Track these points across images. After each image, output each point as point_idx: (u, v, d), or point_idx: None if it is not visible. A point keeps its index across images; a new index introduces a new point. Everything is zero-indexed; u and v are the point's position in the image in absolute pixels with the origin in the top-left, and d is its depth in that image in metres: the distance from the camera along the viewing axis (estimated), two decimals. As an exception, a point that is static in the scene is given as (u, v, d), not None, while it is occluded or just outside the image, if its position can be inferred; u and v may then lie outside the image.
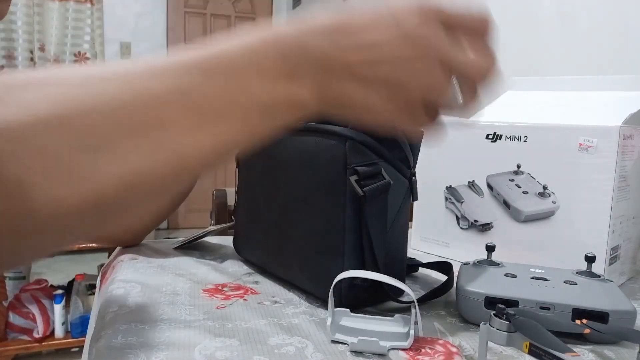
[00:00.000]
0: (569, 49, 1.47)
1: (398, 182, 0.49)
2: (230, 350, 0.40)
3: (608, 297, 0.44)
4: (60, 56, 3.81)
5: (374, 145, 0.47)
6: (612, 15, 1.33)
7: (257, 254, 0.60)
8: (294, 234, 0.52)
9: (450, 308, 0.51)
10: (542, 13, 1.58)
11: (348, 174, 0.46)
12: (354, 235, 0.47)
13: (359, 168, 0.46)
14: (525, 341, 0.35)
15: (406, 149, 0.50)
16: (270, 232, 0.56)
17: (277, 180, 0.54)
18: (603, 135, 0.55)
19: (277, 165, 0.54)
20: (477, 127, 0.64)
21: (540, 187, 0.60)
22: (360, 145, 0.46)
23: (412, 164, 0.51)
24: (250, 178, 0.60)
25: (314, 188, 0.49)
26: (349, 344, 0.41)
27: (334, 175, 0.47)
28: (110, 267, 0.62)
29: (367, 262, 0.47)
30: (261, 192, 0.57)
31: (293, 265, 0.53)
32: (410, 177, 0.51)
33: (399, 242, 0.52)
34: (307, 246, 0.50)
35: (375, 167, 0.47)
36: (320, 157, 0.48)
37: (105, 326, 0.44)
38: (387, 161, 0.48)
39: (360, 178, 0.46)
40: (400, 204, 0.50)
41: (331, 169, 0.47)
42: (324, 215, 0.48)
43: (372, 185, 0.46)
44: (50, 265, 3.36)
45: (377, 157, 0.47)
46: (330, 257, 0.48)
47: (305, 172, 0.50)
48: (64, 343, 2.02)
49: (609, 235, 0.56)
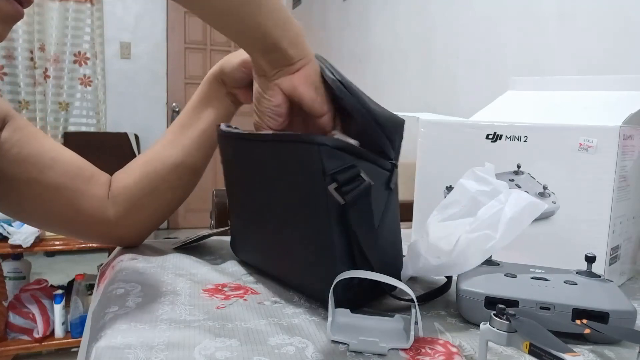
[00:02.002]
0: (569, 49, 1.47)
1: (379, 177, 0.48)
2: (230, 350, 0.40)
3: (608, 297, 0.44)
4: (60, 56, 3.81)
5: (348, 147, 0.45)
6: (612, 15, 1.33)
7: (255, 257, 0.60)
8: (285, 240, 0.51)
9: (450, 308, 0.51)
10: (542, 13, 1.58)
11: (326, 181, 0.44)
12: (342, 239, 0.46)
13: (337, 175, 0.44)
14: (526, 341, 0.35)
15: (381, 141, 0.48)
16: (264, 238, 0.55)
17: (259, 190, 0.53)
18: (603, 135, 0.55)
19: (257, 176, 0.53)
20: (477, 127, 0.64)
21: (540, 187, 0.60)
22: (334, 150, 0.44)
23: (391, 155, 0.49)
24: (235, 186, 0.59)
25: (294, 197, 0.48)
26: (349, 344, 0.41)
27: (312, 183, 0.45)
28: (110, 267, 0.62)
29: (358, 263, 0.47)
30: (246, 201, 0.57)
31: (290, 269, 0.52)
32: (391, 168, 0.49)
33: (390, 237, 0.51)
34: (299, 252, 0.50)
35: (353, 170, 0.45)
36: (296, 166, 0.47)
37: (105, 326, 0.44)
38: (364, 159, 0.46)
39: (339, 185, 0.44)
40: (385, 198, 0.49)
41: (309, 178, 0.46)
42: (309, 222, 0.47)
43: (352, 191, 0.44)
44: (50, 265, 3.36)
45: (354, 157, 0.46)
46: (324, 261, 0.47)
47: (283, 182, 0.49)
48: (64, 343, 2.02)
49: (609, 235, 0.56)
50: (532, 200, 0.48)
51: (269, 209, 0.52)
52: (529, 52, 1.64)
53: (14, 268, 2.19)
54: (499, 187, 0.51)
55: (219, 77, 0.65)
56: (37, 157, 0.59)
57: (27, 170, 0.58)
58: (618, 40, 1.31)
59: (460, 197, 0.50)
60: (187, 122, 0.66)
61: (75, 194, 0.61)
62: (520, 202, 0.48)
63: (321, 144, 0.44)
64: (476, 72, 1.91)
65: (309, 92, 0.48)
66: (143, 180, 0.64)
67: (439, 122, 0.67)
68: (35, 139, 0.60)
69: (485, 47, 1.86)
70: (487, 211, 0.48)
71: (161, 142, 0.67)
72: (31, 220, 0.64)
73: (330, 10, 3.32)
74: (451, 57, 2.07)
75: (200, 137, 0.66)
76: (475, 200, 0.49)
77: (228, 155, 0.58)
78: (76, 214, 0.62)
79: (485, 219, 0.48)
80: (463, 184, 0.51)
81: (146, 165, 0.65)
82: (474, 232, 0.47)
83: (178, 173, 0.65)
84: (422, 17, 2.27)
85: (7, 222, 1.98)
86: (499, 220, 0.47)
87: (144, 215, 0.66)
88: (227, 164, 0.59)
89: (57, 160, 0.61)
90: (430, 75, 2.23)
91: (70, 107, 3.89)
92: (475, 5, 1.90)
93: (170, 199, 0.67)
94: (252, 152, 0.52)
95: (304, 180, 0.46)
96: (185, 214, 4.15)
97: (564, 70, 1.48)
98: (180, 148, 0.65)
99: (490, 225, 0.47)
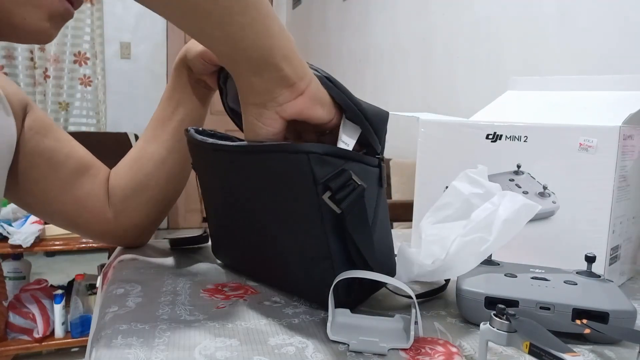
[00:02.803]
0: (569, 48, 1.47)
1: (369, 176, 0.47)
2: (230, 350, 0.40)
3: (608, 297, 0.44)
4: (60, 56, 3.82)
5: (337, 151, 0.44)
6: (612, 15, 1.33)
7: (239, 263, 0.58)
8: (278, 250, 0.49)
9: (450, 308, 0.51)
10: (542, 13, 1.58)
11: (319, 191, 0.43)
12: (340, 245, 0.45)
13: (329, 183, 0.43)
14: (525, 341, 0.35)
15: (370, 135, 0.46)
16: (251, 248, 0.53)
17: (242, 201, 0.50)
18: (603, 135, 0.55)
19: (239, 187, 0.50)
20: (477, 127, 0.64)
21: (540, 187, 0.60)
22: (323, 157, 0.42)
23: (378, 150, 0.48)
24: (211, 194, 0.56)
25: (288, 208, 0.46)
26: (349, 344, 0.41)
27: (304, 194, 0.44)
28: (111, 268, 0.62)
29: (358, 265, 0.46)
30: (229, 211, 0.54)
31: (284, 279, 0.51)
32: (379, 164, 0.48)
33: (383, 233, 0.50)
34: (294, 260, 0.48)
35: (344, 174, 0.43)
36: (286, 177, 0.44)
37: (105, 326, 0.44)
38: (352, 159, 0.45)
39: (333, 193, 0.43)
40: (376, 196, 0.48)
41: (301, 188, 0.44)
42: (304, 232, 0.46)
43: (347, 198, 0.43)
44: (50, 265, 3.36)
45: (343, 160, 0.44)
46: (321, 267, 0.46)
47: (271, 194, 0.47)
48: (64, 343, 2.02)
49: (609, 235, 0.56)
50: (527, 202, 0.48)
51: (256, 220, 0.50)
52: (529, 52, 1.64)
53: (14, 268, 2.19)
54: (492, 189, 0.50)
55: (185, 63, 0.61)
56: (52, 152, 0.59)
57: (39, 165, 0.58)
58: (618, 40, 1.31)
59: (454, 200, 0.50)
60: (164, 116, 0.64)
61: (81, 192, 0.61)
62: (515, 204, 0.48)
63: (310, 152, 0.42)
64: (476, 72, 1.91)
65: (317, 112, 0.43)
66: (133, 180, 0.64)
67: (439, 122, 0.67)
68: (51, 131, 0.60)
69: (485, 47, 1.86)
70: (481, 213, 0.48)
71: (144, 137, 0.66)
72: (37, 213, 0.64)
73: (330, 10, 3.32)
74: (451, 57, 2.07)
75: (179, 130, 0.64)
76: (468, 202, 0.49)
77: (201, 165, 0.55)
78: (80, 212, 0.62)
79: (479, 221, 0.48)
80: (456, 186, 0.51)
81: (133, 164, 0.64)
82: (468, 235, 0.47)
83: (165, 169, 0.64)
84: (422, 17, 2.27)
85: (7, 222, 1.98)
86: (493, 223, 0.47)
87: (139, 215, 0.65)
88: (201, 172, 0.56)
89: (71, 157, 0.61)
90: (430, 75, 2.23)
91: (70, 107, 3.89)
92: (475, 5, 1.90)
93: (162, 196, 0.65)
94: (233, 163, 0.49)
95: (295, 191, 0.44)
96: (185, 214, 4.15)
97: (564, 70, 1.48)
98: (161, 144, 0.64)
99: (484, 228, 0.47)
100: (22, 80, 3.70)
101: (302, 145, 0.42)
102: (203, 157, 0.53)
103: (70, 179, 0.61)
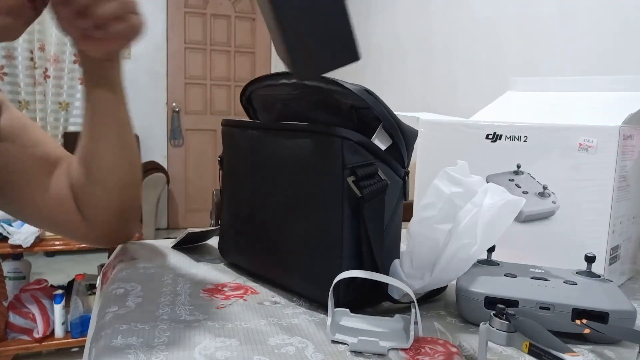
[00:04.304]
0: (569, 49, 1.47)
1: (393, 182, 0.49)
2: (230, 350, 0.40)
3: (608, 297, 0.44)
4: (60, 56, 3.81)
5: (371, 145, 0.47)
6: (612, 15, 1.33)
7: (246, 258, 0.59)
8: (288, 236, 0.51)
9: (450, 308, 0.51)
10: (542, 13, 1.58)
11: (345, 174, 0.46)
12: (352, 235, 0.47)
13: (356, 169, 0.46)
14: (525, 341, 0.35)
15: (402, 148, 0.49)
16: (261, 236, 0.55)
17: (268, 183, 0.53)
18: (603, 135, 0.55)
19: (267, 168, 0.53)
20: (477, 127, 0.64)
21: (540, 187, 0.60)
22: (356, 145, 0.46)
23: (406, 163, 0.51)
24: (236, 182, 0.59)
25: (310, 189, 0.49)
26: (349, 344, 0.41)
27: (332, 175, 0.46)
28: (111, 267, 0.62)
29: (365, 262, 0.47)
30: (249, 196, 0.56)
31: (288, 268, 0.52)
32: (404, 176, 0.51)
33: (394, 242, 0.51)
34: (302, 248, 0.50)
35: (372, 167, 0.46)
36: (316, 157, 0.48)
37: (105, 326, 0.44)
38: (382, 161, 0.48)
39: (357, 179, 0.45)
40: (395, 203, 0.50)
41: (328, 170, 0.47)
42: (321, 215, 0.48)
43: (370, 186, 0.46)
44: (50, 265, 3.36)
45: (374, 157, 0.47)
46: (329, 258, 0.47)
47: (300, 174, 0.49)
48: (64, 343, 2.02)
49: (609, 235, 0.56)
50: (509, 198, 0.48)
51: (274, 202, 0.52)
52: (529, 52, 1.64)
53: (14, 268, 2.19)
54: (473, 185, 0.49)
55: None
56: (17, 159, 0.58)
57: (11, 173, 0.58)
58: (618, 40, 1.31)
59: (437, 200, 0.49)
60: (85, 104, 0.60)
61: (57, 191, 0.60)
62: (497, 203, 0.47)
63: (345, 138, 0.45)
64: (476, 72, 1.91)
65: None
66: (81, 178, 0.60)
67: (439, 122, 0.67)
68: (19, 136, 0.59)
69: (485, 47, 1.86)
70: (464, 216, 0.48)
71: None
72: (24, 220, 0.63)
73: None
74: (451, 57, 2.07)
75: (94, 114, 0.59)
76: (451, 202, 0.49)
77: (235, 146, 0.58)
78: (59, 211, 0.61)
79: (463, 225, 0.47)
80: (438, 186, 0.50)
81: (79, 163, 0.60)
82: (454, 244, 0.47)
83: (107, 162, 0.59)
84: (422, 17, 2.27)
85: (7, 222, 1.98)
86: (477, 225, 0.47)
87: (100, 211, 0.60)
88: (232, 154, 0.59)
89: (41, 158, 0.60)
90: (430, 75, 2.23)
91: (70, 107, 3.89)
92: (475, 5, 1.90)
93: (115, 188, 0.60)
94: (266, 142, 0.53)
95: (322, 171, 0.47)
96: (185, 214, 4.15)
97: (564, 70, 1.48)
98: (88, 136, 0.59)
99: (469, 232, 0.47)
100: (22, 80, 3.69)
101: (340, 129, 0.46)
102: (237, 139, 0.57)
103: (43, 181, 0.59)
